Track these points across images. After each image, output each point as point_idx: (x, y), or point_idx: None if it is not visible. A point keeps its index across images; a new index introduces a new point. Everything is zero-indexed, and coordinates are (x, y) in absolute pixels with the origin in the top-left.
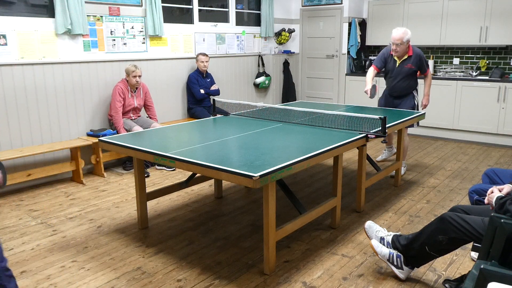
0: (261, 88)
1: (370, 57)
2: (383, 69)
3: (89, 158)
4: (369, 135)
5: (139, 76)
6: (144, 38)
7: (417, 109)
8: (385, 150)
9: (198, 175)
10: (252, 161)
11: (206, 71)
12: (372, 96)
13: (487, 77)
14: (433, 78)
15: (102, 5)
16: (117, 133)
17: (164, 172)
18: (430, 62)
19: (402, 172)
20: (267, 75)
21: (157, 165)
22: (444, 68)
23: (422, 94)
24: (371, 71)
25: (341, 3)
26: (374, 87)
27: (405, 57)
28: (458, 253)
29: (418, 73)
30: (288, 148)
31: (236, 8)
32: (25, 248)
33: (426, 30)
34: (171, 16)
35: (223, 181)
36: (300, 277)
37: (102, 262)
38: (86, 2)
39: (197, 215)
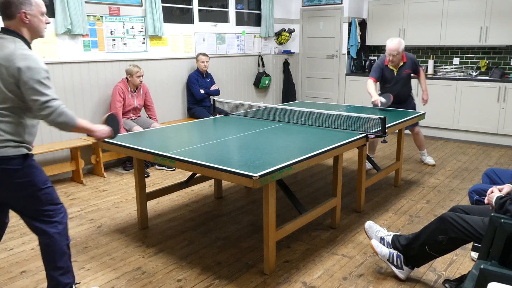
0: (261, 88)
1: (370, 57)
2: (382, 81)
3: (89, 158)
4: (369, 135)
5: (142, 76)
6: (144, 38)
7: (416, 109)
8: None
9: (198, 175)
10: (252, 161)
11: (206, 71)
12: (385, 104)
13: (487, 77)
14: (433, 78)
15: (102, 5)
16: None
17: (164, 172)
18: (430, 62)
19: (431, 161)
20: (267, 75)
21: (157, 165)
22: (444, 68)
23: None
24: (371, 83)
25: (341, 3)
26: (388, 96)
27: (401, 64)
28: (458, 253)
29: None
30: (288, 148)
31: (236, 8)
32: (25, 248)
33: (426, 30)
34: (171, 16)
35: (223, 181)
36: (300, 277)
37: (102, 262)
38: (86, 2)
39: (197, 215)
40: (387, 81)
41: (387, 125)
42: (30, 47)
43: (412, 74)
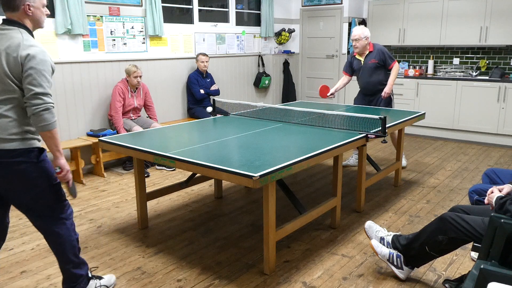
0: (261, 88)
1: None
2: (354, 73)
3: (89, 158)
4: (369, 135)
5: (140, 76)
6: (144, 38)
7: (393, 105)
8: (355, 154)
9: (198, 175)
10: (252, 161)
11: (206, 71)
12: (322, 96)
13: (487, 77)
14: (433, 78)
15: (102, 5)
16: (117, 133)
17: (164, 172)
18: (430, 62)
19: (404, 164)
20: (267, 75)
21: (157, 165)
22: (444, 68)
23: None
24: (342, 78)
25: (341, 3)
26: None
27: (366, 53)
28: (458, 253)
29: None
30: (288, 148)
31: (236, 8)
32: (25, 248)
33: (426, 30)
34: (171, 16)
35: (223, 181)
36: (300, 277)
37: (102, 262)
38: (86, 2)
39: (197, 215)
40: (356, 71)
41: (387, 125)
42: (33, 37)
43: (387, 68)
